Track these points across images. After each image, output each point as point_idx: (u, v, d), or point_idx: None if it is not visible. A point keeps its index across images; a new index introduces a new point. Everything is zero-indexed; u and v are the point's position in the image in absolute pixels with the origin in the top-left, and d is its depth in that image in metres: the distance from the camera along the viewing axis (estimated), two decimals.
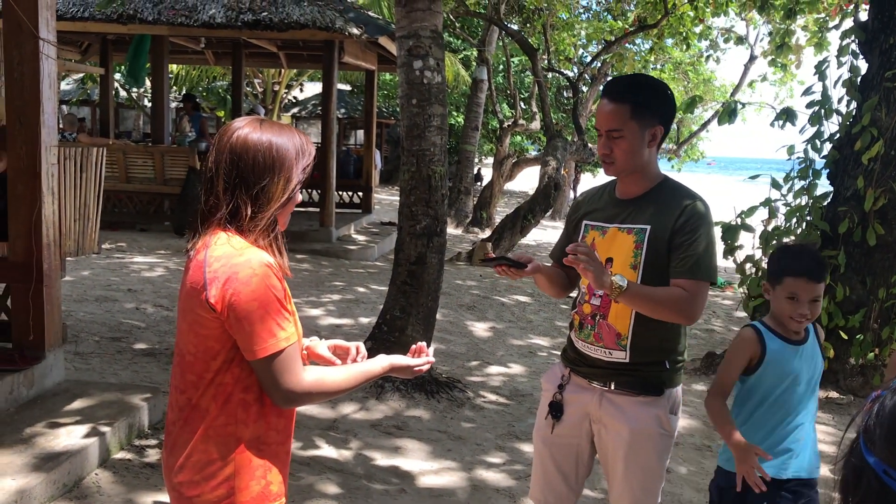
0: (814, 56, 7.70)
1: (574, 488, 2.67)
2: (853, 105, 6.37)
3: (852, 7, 7.00)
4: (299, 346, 1.81)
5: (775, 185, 6.60)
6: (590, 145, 13.29)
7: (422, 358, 2.02)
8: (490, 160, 24.22)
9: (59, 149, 4.46)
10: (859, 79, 6.33)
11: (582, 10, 18.18)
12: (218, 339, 1.75)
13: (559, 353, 2.77)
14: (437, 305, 5.58)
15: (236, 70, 14.32)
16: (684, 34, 12.28)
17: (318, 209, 12.10)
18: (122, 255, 9.64)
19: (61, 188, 4.56)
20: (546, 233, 17.59)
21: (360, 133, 26.86)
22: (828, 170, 6.47)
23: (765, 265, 6.71)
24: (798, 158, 6.55)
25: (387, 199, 21.45)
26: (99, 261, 9.02)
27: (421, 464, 4.26)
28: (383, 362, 1.96)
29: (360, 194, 15.04)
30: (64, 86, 22.60)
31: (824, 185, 6.53)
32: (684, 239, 2.35)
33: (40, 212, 4.26)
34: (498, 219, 15.38)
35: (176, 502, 1.84)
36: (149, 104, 14.56)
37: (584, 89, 18.68)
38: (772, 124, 6.73)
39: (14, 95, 4.22)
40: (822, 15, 7.99)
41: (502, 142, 18.38)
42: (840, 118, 6.47)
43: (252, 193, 1.76)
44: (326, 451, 4.31)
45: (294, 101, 28.01)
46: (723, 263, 12.38)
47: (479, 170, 26.36)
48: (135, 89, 21.85)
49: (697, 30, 13.21)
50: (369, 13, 11.89)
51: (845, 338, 5.98)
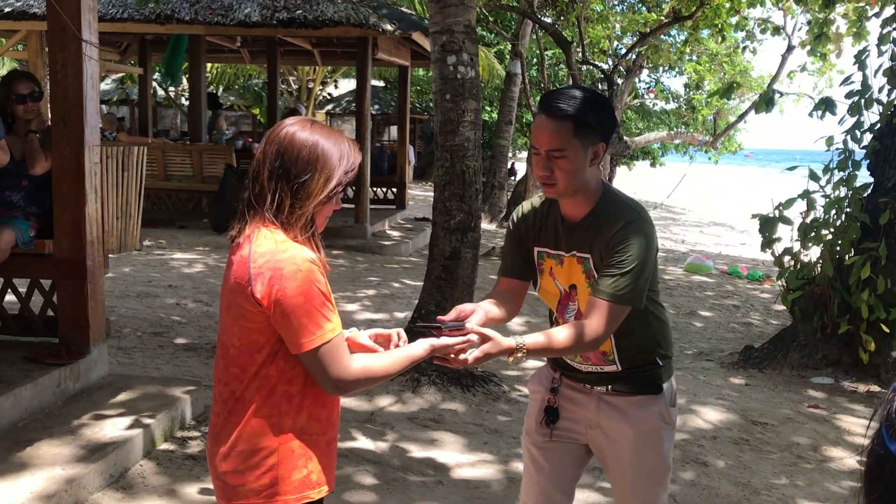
0: (852, 46, 7.59)
1: (570, 494, 2.58)
2: (894, 94, 6.27)
3: None
4: (343, 335, 1.86)
5: (813, 176, 6.52)
6: (625, 138, 13.21)
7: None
8: (524, 154, 24.17)
9: (101, 148, 4.56)
10: None
11: (616, 2, 18.04)
12: (262, 333, 1.80)
13: None
14: (472, 300, 5.60)
15: (271, 68, 14.46)
16: (719, 26, 12.13)
17: (352, 205, 12.18)
18: (162, 252, 9.80)
19: (104, 187, 4.66)
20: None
21: (394, 129, 26.92)
22: (868, 160, 6.37)
23: (804, 258, 6.66)
24: (837, 149, 6.47)
25: (420, 195, 21.51)
26: (139, 257, 9.18)
27: (457, 456, 4.30)
28: (424, 345, 2.00)
29: (394, 190, 15.10)
30: (103, 86, 22.98)
31: (864, 176, 6.43)
32: (611, 259, 2.24)
33: (84, 210, 4.37)
34: None
35: (220, 491, 1.90)
36: (186, 103, 14.75)
37: (619, 82, 18.55)
38: (810, 115, 6.65)
39: (58, 96, 4.32)
40: (862, 3, 7.85)
41: None
42: (881, 108, 6.37)
43: (292, 186, 1.82)
44: (363, 443, 4.36)
45: (328, 97, 28.16)
46: (760, 256, 12.24)
47: (513, 164, 26.30)
48: (172, 88, 22.16)
49: (733, 21, 13.04)
50: (402, 9, 11.93)
51: (887, 331, 5.89)
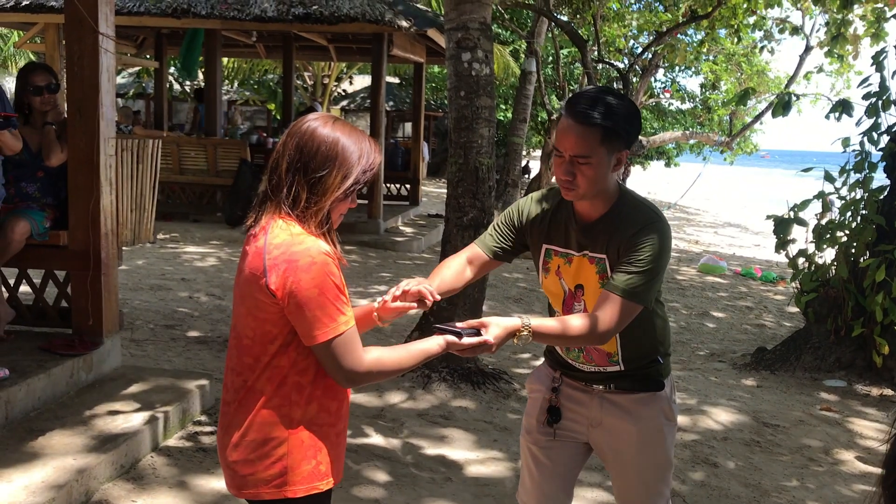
0: (870, 47, 7.52)
1: (570, 493, 2.57)
2: None
3: None
4: (356, 327, 1.86)
5: (829, 178, 6.48)
6: (641, 138, 13.15)
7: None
8: (538, 153, 24.11)
9: (116, 140, 4.59)
10: None
11: (633, 1, 17.97)
12: (276, 324, 1.81)
13: None
14: (484, 297, 5.61)
15: (287, 63, 14.50)
16: (736, 26, 12.04)
17: (366, 201, 12.20)
18: (176, 245, 9.85)
19: (119, 179, 4.68)
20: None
21: (408, 126, 26.93)
22: (885, 163, 6.32)
23: (818, 260, 6.62)
24: (854, 151, 6.42)
25: (434, 192, 21.52)
26: (153, 250, 9.24)
27: (467, 453, 4.30)
28: (439, 341, 1.99)
29: (408, 186, 15.12)
30: (119, 79, 23.10)
31: (880, 178, 6.39)
32: (628, 257, 2.22)
33: (99, 202, 4.39)
34: None
35: (230, 480, 1.91)
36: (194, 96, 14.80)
37: (635, 80, 18.46)
38: (827, 116, 6.60)
39: (75, 89, 4.35)
40: (880, 5, 7.79)
41: (550, 134, 18.26)
42: None
43: (310, 180, 1.82)
44: (374, 439, 4.37)
45: (343, 93, 28.22)
46: (774, 258, 12.17)
47: (527, 162, 26.26)
48: (188, 82, 22.25)
49: (751, 21, 12.95)
50: (418, 5, 11.93)
51: None
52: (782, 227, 6.50)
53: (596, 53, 14.04)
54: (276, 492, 1.85)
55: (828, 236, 6.45)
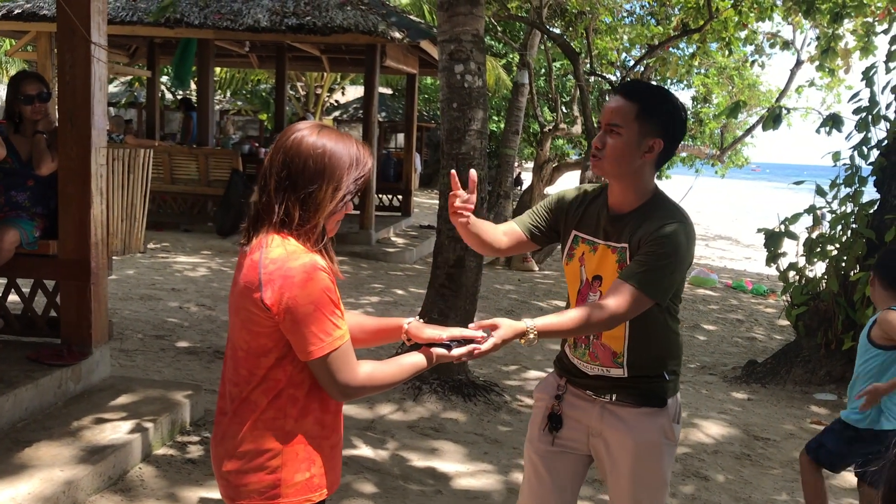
0: (860, 60, 7.58)
1: (570, 502, 2.56)
2: None
3: None
4: (351, 342, 1.85)
5: (820, 191, 6.51)
6: None
7: (463, 348, 2.03)
8: (530, 164, 24.17)
9: (107, 150, 4.57)
10: None
11: (625, 14, 18.06)
12: (270, 337, 1.80)
13: None
14: (476, 308, 5.60)
15: (280, 73, 14.50)
16: (727, 39, 12.12)
17: (358, 212, 12.19)
18: (166, 255, 9.81)
19: (109, 188, 4.67)
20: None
21: (401, 137, 26.96)
22: (875, 177, 6.36)
23: (809, 273, 6.64)
24: (844, 165, 6.46)
25: (426, 203, 21.53)
26: (143, 260, 9.20)
27: (457, 466, 4.28)
28: (428, 354, 2.00)
29: (400, 197, 15.12)
30: (111, 88, 23.07)
31: (871, 193, 6.42)
32: (647, 249, 2.24)
33: (89, 211, 4.37)
34: None
35: (224, 490, 1.91)
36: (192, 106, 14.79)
37: None
38: (818, 130, 6.64)
39: (66, 98, 4.33)
40: (870, 19, 7.85)
41: (543, 146, 18.32)
42: (888, 124, 6.36)
43: (300, 197, 1.79)
44: (364, 450, 4.35)
45: (336, 104, 28.23)
46: (765, 271, 12.18)
47: (520, 174, 26.30)
48: (180, 92, 22.22)
49: (742, 35, 13.03)
50: (411, 17, 11.96)
51: None
52: (773, 240, 6.52)
53: (588, 66, 14.09)
54: (268, 503, 1.84)
55: (818, 250, 6.48)
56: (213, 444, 1.93)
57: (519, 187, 23.44)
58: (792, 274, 6.67)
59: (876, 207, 6.30)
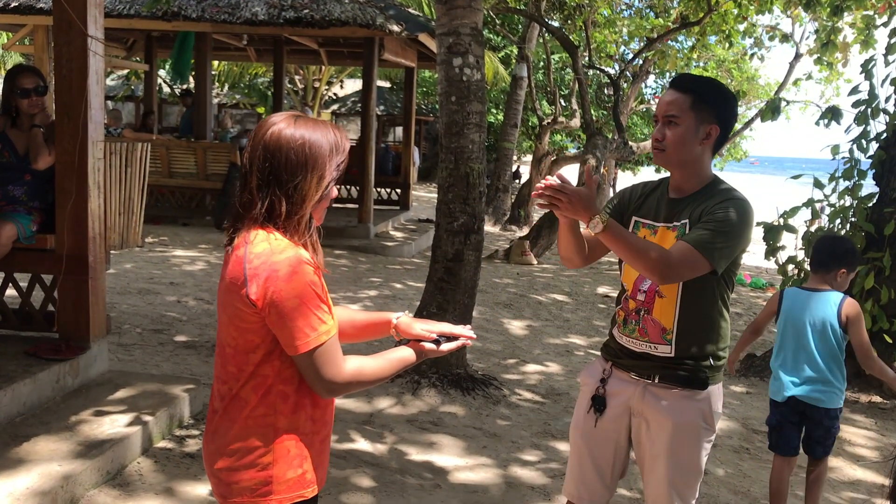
0: (860, 54, 7.56)
1: (609, 486, 2.67)
2: None
3: None
4: (338, 337, 1.84)
5: (818, 185, 6.50)
6: (630, 143, 13.17)
7: (452, 343, 2.03)
8: (529, 158, 24.15)
9: (105, 144, 4.55)
10: None
11: (624, 7, 18.04)
12: (257, 333, 1.79)
13: (596, 352, 2.77)
14: (474, 303, 5.59)
15: (278, 67, 14.46)
16: (727, 32, 12.10)
17: (356, 206, 12.18)
18: (164, 249, 9.80)
19: (107, 182, 4.65)
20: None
21: (399, 130, 26.93)
22: (874, 170, 6.35)
23: (808, 267, 6.62)
24: (843, 158, 6.45)
25: (424, 196, 21.52)
26: (141, 254, 9.18)
27: (455, 460, 4.28)
28: (416, 349, 2.00)
29: (398, 191, 15.10)
30: (108, 82, 23.02)
31: (870, 186, 6.41)
32: (708, 217, 2.36)
33: (86, 205, 4.35)
34: (536, 217, 15.35)
35: (216, 488, 1.90)
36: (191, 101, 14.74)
37: (625, 87, 18.51)
38: (817, 123, 6.63)
39: (62, 91, 4.31)
40: (870, 12, 7.83)
41: (541, 139, 18.31)
42: (887, 117, 6.35)
43: (286, 191, 1.78)
44: (362, 444, 4.35)
45: (334, 97, 28.21)
46: (764, 264, 12.17)
47: (518, 168, 26.29)
48: (177, 85, 22.17)
49: (741, 27, 13.02)
50: (409, 10, 11.93)
51: (890, 341, 5.86)
52: (772, 233, 6.52)
53: (587, 59, 14.07)
54: (261, 500, 1.83)
55: None
56: (205, 442, 1.92)
57: (517, 181, 23.43)
58: (791, 267, 6.66)
59: (875, 201, 6.29)
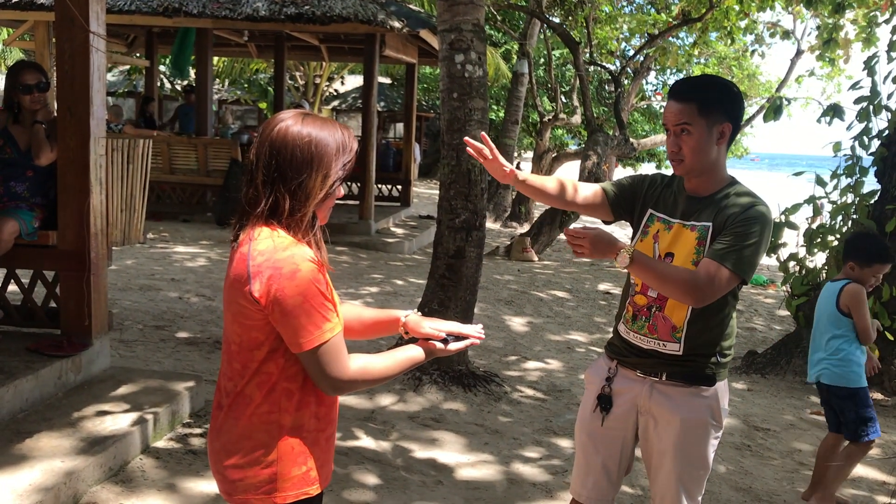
0: (861, 52, 7.55)
1: (615, 483, 2.67)
2: None
3: None
4: (343, 335, 1.84)
5: (820, 182, 6.50)
6: (631, 140, 13.16)
7: (460, 343, 2.05)
8: (530, 154, 24.14)
9: (106, 140, 4.55)
10: None
11: (625, 4, 18.01)
12: (261, 330, 1.79)
13: (597, 349, 2.78)
14: (476, 299, 5.59)
15: (278, 63, 14.45)
16: (728, 28, 12.08)
17: (357, 202, 12.18)
18: (166, 245, 9.80)
19: (109, 179, 4.65)
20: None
21: (400, 126, 26.89)
22: (875, 167, 6.35)
23: (809, 263, 6.63)
24: (845, 155, 6.44)
25: (425, 193, 21.50)
26: (143, 250, 9.18)
27: (458, 456, 4.28)
28: (425, 347, 2.00)
29: (399, 187, 15.09)
30: (109, 77, 22.99)
31: (871, 183, 6.41)
32: (733, 229, 2.34)
33: (88, 201, 4.35)
34: (537, 213, 15.34)
35: (221, 485, 1.90)
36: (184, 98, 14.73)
37: (626, 83, 18.48)
38: (818, 120, 6.62)
39: (65, 87, 4.31)
40: (872, 10, 7.82)
41: (542, 136, 18.30)
42: (889, 114, 6.34)
43: (290, 188, 1.78)
44: (365, 441, 4.35)
45: (335, 93, 28.16)
46: (766, 261, 12.22)
47: (519, 164, 26.27)
48: (178, 81, 22.14)
49: (742, 24, 12.99)
50: (410, 6, 11.91)
51: (891, 339, 5.86)
52: (773, 230, 6.51)
53: (588, 55, 14.05)
54: (265, 498, 1.83)
55: (818, 240, 6.47)
56: (210, 439, 1.92)
57: None
58: (792, 264, 6.66)
59: (876, 198, 6.29)
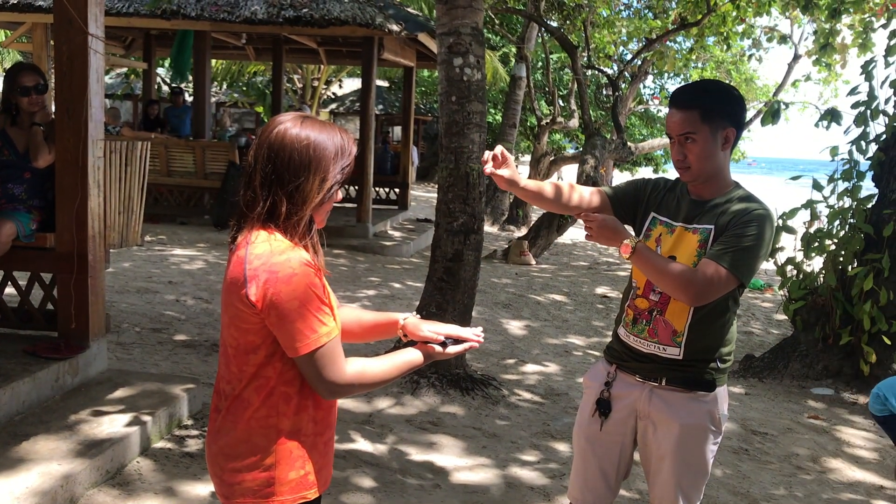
0: (857, 57, 7.57)
1: (613, 488, 2.67)
2: None
3: None
4: (340, 339, 1.84)
5: (816, 186, 6.51)
6: (629, 144, 13.18)
7: (459, 346, 2.04)
8: (527, 158, 24.15)
9: (104, 142, 4.55)
10: None
11: (623, 8, 18.03)
12: (258, 334, 1.79)
13: (595, 352, 2.78)
14: (473, 303, 5.59)
15: (276, 66, 14.46)
16: (725, 33, 12.11)
17: (355, 205, 12.18)
18: (163, 248, 9.79)
19: (106, 181, 4.64)
20: (583, 232, 17.50)
21: (398, 129, 26.91)
22: (873, 171, 6.36)
23: (806, 268, 6.64)
24: (842, 160, 6.45)
25: (423, 196, 21.51)
26: (140, 253, 9.17)
27: (455, 460, 4.28)
28: (423, 351, 2.00)
29: (397, 190, 15.10)
30: (107, 80, 22.96)
31: (869, 188, 6.42)
32: (734, 231, 2.35)
33: (86, 204, 4.35)
34: (534, 217, 15.35)
35: (219, 488, 1.90)
36: (190, 98, 14.74)
37: (624, 87, 18.51)
38: (816, 125, 6.63)
39: (63, 89, 4.31)
40: (868, 15, 7.84)
41: (540, 140, 18.32)
42: (887, 119, 6.36)
43: (287, 191, 1.77)
44: (362, 444, 4.34)
45: (333, 97, 28.16)
46: (763, 265, 12.27)
47: (517, 168, 26.29)
48: (175, 83, 22.13)
49: (739, 29, 13.02)
50: (409, 9, 11.92)
51: (888, 343, 5.88)
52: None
53: (586, 59, 14.07)
54: (263, 501, 1.83)
55: (816, 244, 6.48)
56: (208, 443, 1.92)
57: None
58: (790, 268, 6.67)
59: (874, 202, 6.30)
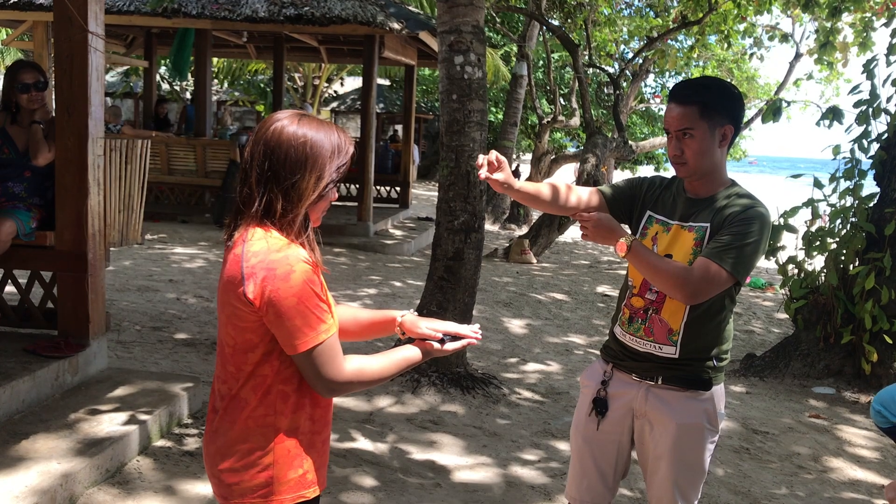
0: (857, 56, 7.55)
1: (611, 487, 2.66)
2: None
3: None
4: (338, 336, 1.83)
5: (818, 184, 6.50)
6: (630, 142, 13.16)
7: (457, 343, 2.03)
8: (528, 156, 24.14)
9: (105, 140, 4.54)
10: None
11: (624, 7, 18.02)
12: (255, 332, 1.78)
13: (596, 351, 2.77)
14: (474, 301, 5.58)
15: (277, 64, 14.44)
16: (726, 32, 12.10)
17: (355, 203, 12.18)
18: (164, 246, 9.78)
19: (107, 179, 4.63)
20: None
21: (399, 128, 26.91)
22: (874, 170, 6.35)
23: (807, 267, 6.63)
24: (844, 158, 6.44)
25: (424, 195, 21.50)
26: (140, 251, 9.17)
27: (456, 459, 4.27)
28: (421, 348, 1.99)
29: (398, 189, 15.09)
30: (108, 78, 22.96)
31: (870, 186, 6.41)
32: (730, 228, 2.34)
33: (86, 202, 4.34)
34: (535, 216, 15.34)
35: (217, 489, 1.89)
36: (190, 97, 14.74)
37: (625, 85, 18.50)
38: (818, 123, 6.62)
39: (63, 87, 4.30)
40: (868, 14, 7.82)
41: (541, 138, 18.30)
42: (888, 118, 6.34)
43: (283, 188, 1.77)
44: (362, 443, 4.34)
45: (334, 95, 28.17)
46: (764, 264, 12.22)
47: (518, 166, 26.27)
48: (177, 82, 22.13)
49: (741, 27, 13.01)
50: (410, 8, 11.91)
51: (890, 342, 5.87)
52: (772, 233, 6.51)
53: (587, 58, 14.05)
54: (262, 501, 1.82)
55: (817, 243, 6.47)
56: (206, 442, 1.91)
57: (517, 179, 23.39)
58: (791, 267, 6.66)
59: (876, 201, 6.29)
